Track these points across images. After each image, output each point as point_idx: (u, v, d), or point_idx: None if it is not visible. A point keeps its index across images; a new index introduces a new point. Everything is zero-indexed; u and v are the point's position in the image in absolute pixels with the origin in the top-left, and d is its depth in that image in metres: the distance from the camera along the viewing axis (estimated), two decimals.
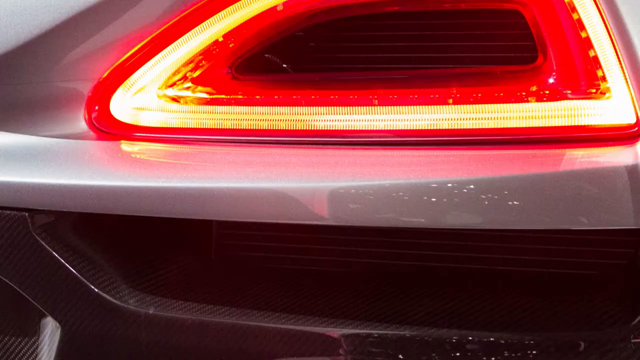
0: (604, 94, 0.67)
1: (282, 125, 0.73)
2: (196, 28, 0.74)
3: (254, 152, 0.74)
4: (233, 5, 0.72)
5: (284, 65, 0.75)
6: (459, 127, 0.70)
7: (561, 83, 0.69)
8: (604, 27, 0.66)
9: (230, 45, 0.74)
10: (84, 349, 0.77)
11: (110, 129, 0.77)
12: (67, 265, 0.75)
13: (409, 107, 0.71)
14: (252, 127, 0.74)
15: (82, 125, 0.77)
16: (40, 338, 0.80)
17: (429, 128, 0.71)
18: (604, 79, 0.67)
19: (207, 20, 0.73)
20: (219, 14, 0.73)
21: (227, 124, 0.75)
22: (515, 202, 0.66)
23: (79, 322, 0.76)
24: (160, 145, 0.76)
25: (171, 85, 0.76)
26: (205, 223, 0.77)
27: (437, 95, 0.71)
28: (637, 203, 0.64)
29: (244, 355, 0.74)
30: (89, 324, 0.76)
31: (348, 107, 0.72)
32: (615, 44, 0.66)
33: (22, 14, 0.77)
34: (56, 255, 0.75)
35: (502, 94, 0.69)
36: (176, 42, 0.75)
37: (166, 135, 0.77)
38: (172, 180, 0.73)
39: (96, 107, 0.77)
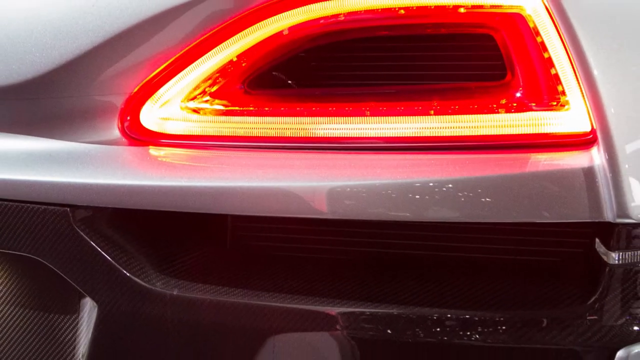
0: (564, 106, 0.67)
1: (288, 133, 0.73)
2: (214, 49, 0.74)
3: (263, 156, 0.74)
4: (245, 30, 0.72)
5: (289, 81, 0.75)
6: (439, 135, 0.71)
7: (527, 97, 0.68)
8: (564, 49, 0.66)
9: (243, 64, 0.73)
10: (117, 325, 0.78)
11: (140, 136, 0.77)
12: (103, 253, 0.75)
13: (396, 117, 0.71)
14: (261, 135, 0.74)
15: (115, 133, 0.77)
16: (80, 316, 0.80)
17: (414, 135, 0.71)
18: (563, 93, 0.67)
19: (223, 43, 0.73)
20: (233, 37, 0.73)
21: (241, 132, 0.74)
22: (487, 199, 0.66)
23: (113, 301, 0.76)
24: (183, 150, 0.76)
25: (192, 99, 0.75)
26: (221, 217, 0.77)
27: (420, 107, 0.70)
28: (592, 200, 0.64)
29: (255, 330, 0.73)
30: (122, 304, 0.76)
31: (344, 118, 0.72)
32: (573, 63, 0.66)
33: (64, 38, 0.77)
34: (94, 245, 0.75)
35: (476, 106, 0.69)
36: (196, 61, 0.75)
37: (188, 142, 0.76)
38: (193, 180, 0.73)
39: (128, 118, 0.77)
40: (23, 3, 0.81)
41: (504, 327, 0.68)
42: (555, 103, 0.67)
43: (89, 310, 0.79)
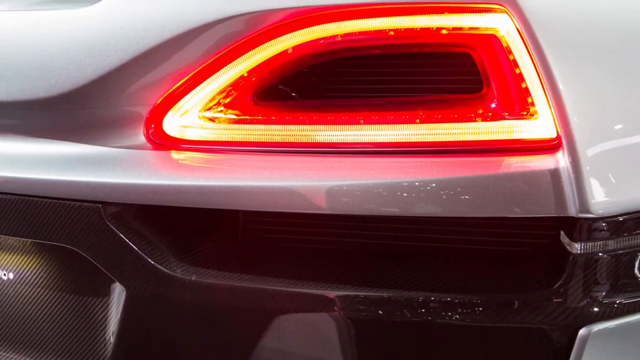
0: (533, 115, 0.67)
1: (291, 139, 0.73)
2: (227, 66, 0.74)
3: (270, 159, 0.74)
4: (255, 49, 0.73)
5: (293, 94, 0.75)
6: (424, 141, 0.70)
7: (500, 107, 0.68)
8: (533, 66, 0.67)
9: (253, 79, 0.73)
10: (142, 306, 0.78)
11: (162, 142, 0.77)
12: (130, 244, 0.75)
13: (387, 125, 0.71)
14: (268, 141, 0.74)
15: (141, 139, 0.78)
16: (110, 298, 0.80)
17: (402, 141, 0.71)
18: (532, 104, 0.67)
19: (235, 60, 0.73)
20: (244, 55, 0.73)
21: (250, 138, 0.75)
22: (466, 197, 0.67)
23: (139, 286, 0.76)
24: (200, 154, 0.76)
25: (208, 109, 0.76)
26: (233, 212, 0.77)
27: (407, 117, 0.71)
28: (557, 197, 0.65)
29: (263, 311, 0.73)
30: (147, 288, 0.76)
31: (341, 125, 0.72)
32: (541, 78, 0.67)
33: (96, 56, 0.77)
34: (122, 237, 0.76)
35: (456, 116, 0.70)
36: (212, 76, 0.75)
37: (205, 147, 0.77)
38: (209, 180, 0.74)
39: (152, 126, 0.77)
40: (61, 26, 0.81)
41: (481, 309, 0.68)
42: (525, 113, 0.68)
43: (118, 294, 0.79)
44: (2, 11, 0.84)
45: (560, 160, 0.65)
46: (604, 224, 0.66)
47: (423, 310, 0.68)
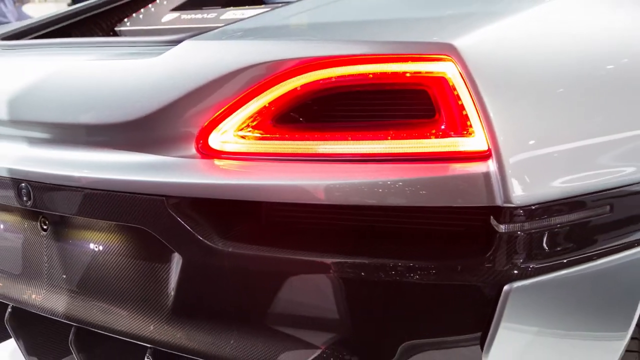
0: (471, 134, 0.68)
1: (299, 151, 0.74)
2: (254, 99, 0.74)
3: (284, 165, 0.74)
4: (273, 87, 0.73)
5: (301, 119, 0.75)
6: (393, 152, 0.70)
7: (448, 128, 0.68)
8: (471, 99, 0.67)
9: (272, 108, 0.74)
10: (194, 270, 0.79)
11: (208, 153, 0.78)
12: (185, 225, 0.76)
13: (367, 141, 0.71)
14: (283, 152, 0.74)
15: (193, 151, 0.78)
16: (171, 264, 0.80)
17: (378, 152, 0.71)
18: (470, 126, 0.68)
19: (259, 95, 0.74)
20: (266, 91, 0.73)
21: (270, 150, 0.75)
22: (424, 192, 0.67)
23: (191, 255, 0.77)
24: (235, 162, 0.77)
25: (241, 129, 0.76)
26: (258, 203, 0.77)
27: (382, 135, 0.70)
28: (488, 192, 0.66)
29: (280, 273, 0.74)
30: (197, 256, 0.77)
31: (335, 141, 0.72)
32: (477, 107, 0.67)
33: (161, 92, 0.78)
34: (180, 220, 0.76)
35: (416, 134, 0.70)
36: (243, 106, 0.75)
37: (238, 156, 0.77)
38: (241, 180, 0.75)
39: (200, 141, 0.78)
40: (136, 71, 0.82)
41: (434, 271, 0.69)
42: (465, 132, 0.68)
43: (176, 260, 0.79)
44: (94, 60, 0.87)
45: (490, 165, 0.66)
46: (521, 211, 0.67)
47: (393, 273, 0.69)
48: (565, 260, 0.70)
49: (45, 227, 0.92)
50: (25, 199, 0.88)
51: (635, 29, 0.91)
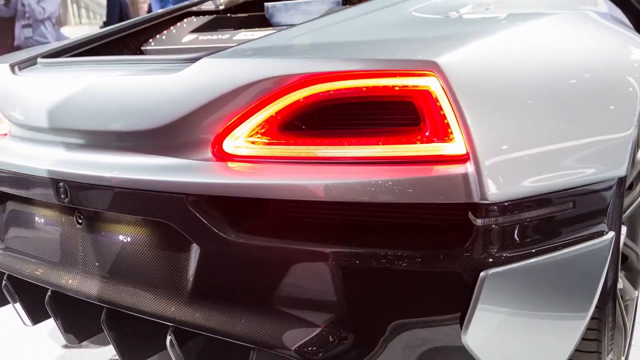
0: (452, 140, 0.68)
1: (302, 155, 0.73)
2: (262, 109, 0.74)
3: (288, 167, 0.74)
4: (279, 99, 0.73)
5: (303, 127, 0.75)
6: (384, 155, 0.70)
7: (431, 135, 0.68)
8: (451, 109, 0.67)
9: (278, 118, 0.74)
10: (210, 258, 0.78)
11: (222, 156, 0.78)
12: (202, 219, 0.75)
13: (360, 145, 0.71)
14: (288, 156, 0.74)
15: (209, 154, 0.78)
16: (190, 253, 0.80)
17: (371, 156, 0.70)
18: (451, 132, 0.68)
19: (267, 106, 0.74)
20: (273, 103, 0.73)
21: (277, 154, 0.75)
22: (410, 190, 0.67)
23: (208, 246, 0.77)
24: (246, 164, 0.77)
25: (251, 136, 0.76)
26: (266, 199, 0.75)
27: (374, 140, 0.70)
28: (466, 190, 0.66)
29: (284, 261, 0.73)
30: (213, 246, 0.77)
31: (333, 146, 0.72)
32: (457, 117, 0.67)
33: (181, 103, 0.78)
34: (198, 215, 0.75)
35: (404, 140, 0.69)
36: (253, 116, 0.75)
37: (248, 159, 0.76)
38: (251, 179, 0.74)
39: (216, 146, 0.78)
40: (159, 85, 0.81)
41: (420, 259, 0.68)
42: (447, 138, 0.67)
43: (195, 250, 0.79)
44: (123, 75, 0.86)
45: (468, 167, 0.66)
46: (495, 207, 0.67)
47: (383, 261, 0.69)
48: (534, 250, 0.70)
49: (80, 221, 0.92)
50: (62, 196, 0.88)
51: (596, 49, 0.92)
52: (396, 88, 0.68)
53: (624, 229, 1.01)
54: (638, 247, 1.19)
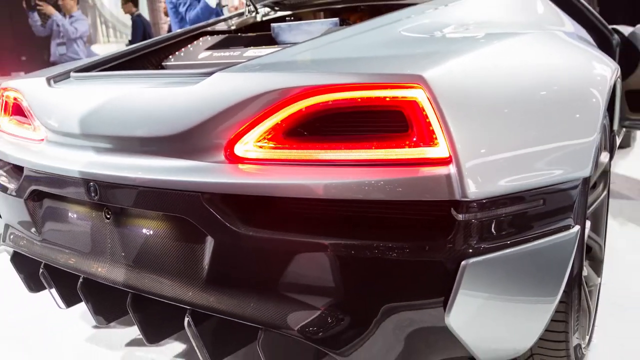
0: (436, 144, 0.67)
1: (304, 157, 0.73)
2: (268, 118, 0.74)
3: (292, 168, 0.73)
4: (284, 108, 0.72)
5: (305, 133, 0.74)
6: (377, 158, 0.69)
7: (419, 140, 0.68)
8: (436, 117, 0.67)
9: (283, 125, 0.73)
10: (223, 249, 0.78)
11: (233, 159, 0.77)
12: (216, 214, 0.75)
13: (356, 149, 0.70)
14: (292, 158, 0.74)
15: (222, 158, 0.77)
16: (205, 245, 0.78)
17: (365, 158, 0.70)
18: (436, 138, 0.67)
19: (273, 115, 0.73)
20: (278, 112, 0.73)
21: (282, 157, 0.74)
22: (400, 189, 0.67)
23: (221, 238, 0.77)
24: (254, 166, 0.76)
25: (259, 141, 0.75)
26: (271, 197, 0.74)
27: (367, 145, 0.70)
28: (449, 189, 0.66)
29: (287, 251, 0.72)
30: (225, 238, 0.76)
31: (332, 150, 0.71)
32: (441, 124, 0.67)
33: (197, 112, 0.76)
34: (212, 211, 0.75)
35: (394, 145, 0.69)
36: (260, 124, 0.74)
37: (256, 162, 0.76)
38: (260, 180, 0.74)
39: (228, 150, 0.77)
40: (177, 96, 0.80)
41: (408, 250, 0.68)
42: (432, 143, 0.67)
43: (209, 242, 0.78)
44: (146, 87, 0.86)
45: (451, 169, 0.66)
46: (475, 204, 0.67)
47: (376, 251, 0.69)
48: (509, 242, 0.70)
49: (108, 216, 0.92)
50: (93, 194, 0.88)
51: (563, 64, 0.92)
52: (387, 99, 0.68)
53: (588, 223, 1.01)
54: (600, 239, 1.19)
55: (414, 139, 0.68)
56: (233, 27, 1.62)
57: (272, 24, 1.47)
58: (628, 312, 1.19)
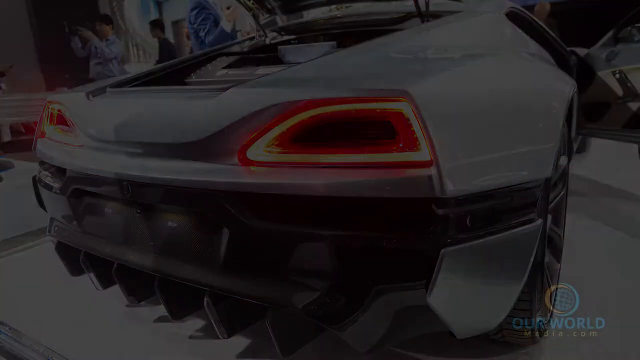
0: (419, 150, 0.67)
1: (307, 160, 0.72)
2: (276, 127, 0.73)
3: (298, 170, 0.73)
4: (290, 118, 0.72)
5: (307, 139, 0.73)
6: (368, 162, 0.68)
7: (404, 146, 0.67)
8: (419, 126, 0.66)
9: (288, 133, 0.73)
10: (237, 240, 0.76)
11: (246, 162, 0.77)
12: (231, 209, 0.75)
13: (351, 153, 0.70)
14: (297, 162, 0.73)
15: (236, 161, 0.77)
16: (222, 235, 0.77)
17: (358, 162, 0.69)
18: (419, 144, 0.67)
19: (281, 124, 0.73)
20: (285, 121, 0.73)
21: (288, 160, 0.74)
22: (388, 188, 0.66)
23: (235, 228, 0.76)
24: (264, 168, 0.75)
25: (268, 147, 0.75)
26: (278, 194, 0.73)
27: (361, 150, 0.69)
28: (430, 187, 0.66)
29: (295, 241, 0.72)
30: (239, 229, 0.75)
31: (331, 154, 0.71)
32: (423, 131, 0.65)
33: (218, 121, 0.76)
34: (227, 206, 0.74)
35: (383, 150, 0.68)
36: (269, 132, 0.74)
37: (266, 164, 0.75)
38: (269, 180, 0.73)
39: (241, 155, 0.77)
40: (198, 108, 0.80)
41: (395, 240, 0.67)
42: (415, 148, 0.67)
43: (225, 233, 0.77)
44: (172, 100, 0.85)
45: (432, 170, 0.66)
46: (452, 200, 0.66)
47: (368, 241, 0.68)
48: (481, 233, 0.70)
49: (138, 211, 0.91)
50: (125, 192, 0.88)
51: (528, 80, 0.93)
52: (377, 110, 0.68)
53: (550, 217, 1.01)
54: (560, 230, 1.19)
55: (400, 145, 0.68)
56: (246, 49, 1.62)
57: (279, 47, 1.47)
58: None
